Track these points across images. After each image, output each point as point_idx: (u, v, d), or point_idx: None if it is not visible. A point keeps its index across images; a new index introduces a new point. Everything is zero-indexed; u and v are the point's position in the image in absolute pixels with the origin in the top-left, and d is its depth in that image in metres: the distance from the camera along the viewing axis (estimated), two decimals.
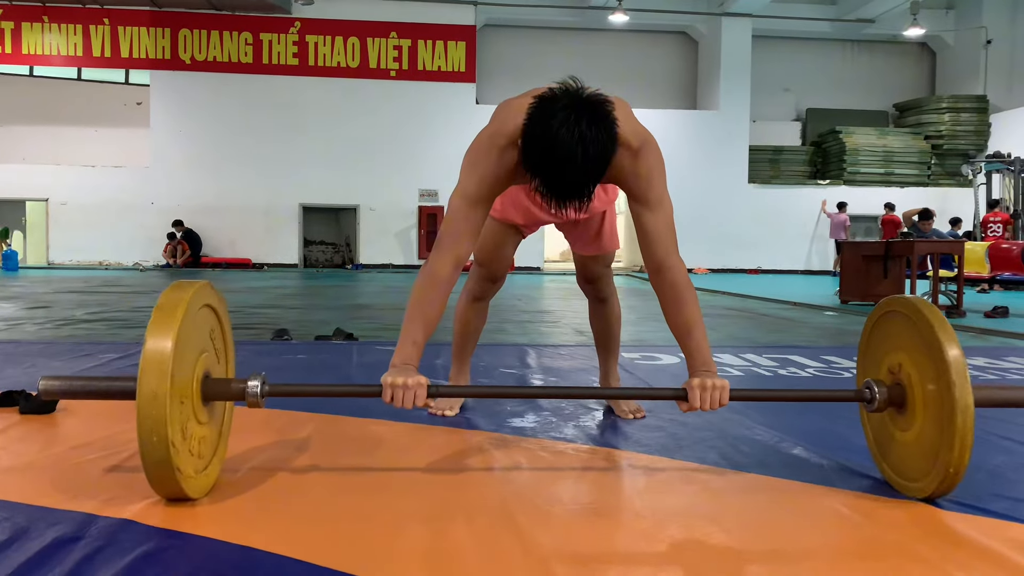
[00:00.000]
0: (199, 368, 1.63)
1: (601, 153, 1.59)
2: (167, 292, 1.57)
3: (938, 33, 20.04)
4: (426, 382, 1.68)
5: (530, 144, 1.63)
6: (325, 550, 1.39)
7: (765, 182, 19.62)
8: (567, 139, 1.55)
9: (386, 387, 1.67)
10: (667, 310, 1.86)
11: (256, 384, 1.66)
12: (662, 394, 1.95)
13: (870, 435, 1.94)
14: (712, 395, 1.69)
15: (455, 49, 18.80)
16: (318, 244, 19.80)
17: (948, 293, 8.00)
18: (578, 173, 1.59)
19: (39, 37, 18.14)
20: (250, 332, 5.23)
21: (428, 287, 1.81)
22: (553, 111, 1.59)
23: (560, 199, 1.65)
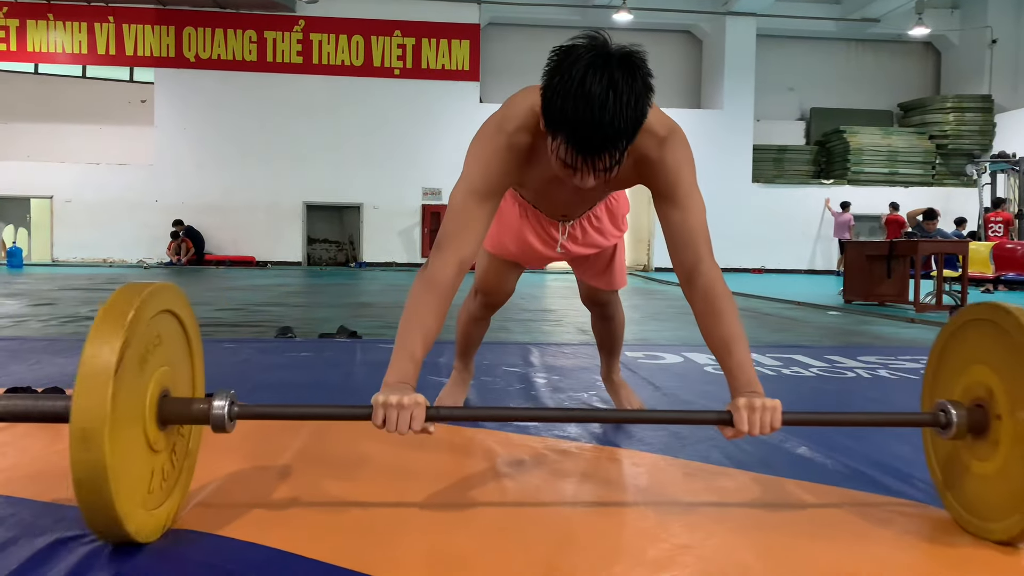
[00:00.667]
0: (155, 386, 1.37)
1: (635, 101, 1.38)
2: (116, 294, 1.31)
3: (943, 32, 20.00)
4: (424, 402, 1.45)
5: (552, 93, 1.41)
6: (330, 548, 1.39)
7: (769, 181, 19.60)
8: (595, 83, 1.35)
9: (377, 407, 1.43)
10: (702, 323, 1.63)
11: (222, 404, 1.43)
12: (703, 418, 1.62)
13: (934, 461, 1.65)
14: (762, 417, 1.45)
15: (459, 48, 18.80)
16: (322, 242, 19.82)
17: (952, 293, 7.99)
18: (610, 118, 1.36)
19: (44, 35, 18.18)
20: (254, 330, 5.23)
21: (426, 294, 1.59)
22: (576, 57, 1.39)
23: (588, 153, 1.41)
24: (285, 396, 2.75)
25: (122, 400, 1.24)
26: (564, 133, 1.41)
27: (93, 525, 1.25)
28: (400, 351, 1.54)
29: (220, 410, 1.42)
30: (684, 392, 2.97)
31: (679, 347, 4.33)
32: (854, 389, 3.16)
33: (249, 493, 1.69)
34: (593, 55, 1.38)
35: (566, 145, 1.43)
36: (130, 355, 1.27)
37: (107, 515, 1.22)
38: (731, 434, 1.48)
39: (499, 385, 3.03)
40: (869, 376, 3.46)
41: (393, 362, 1.53)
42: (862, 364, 3.80)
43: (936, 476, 1.64)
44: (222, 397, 1.43)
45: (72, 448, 1.18)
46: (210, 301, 7.75)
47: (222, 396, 1.43)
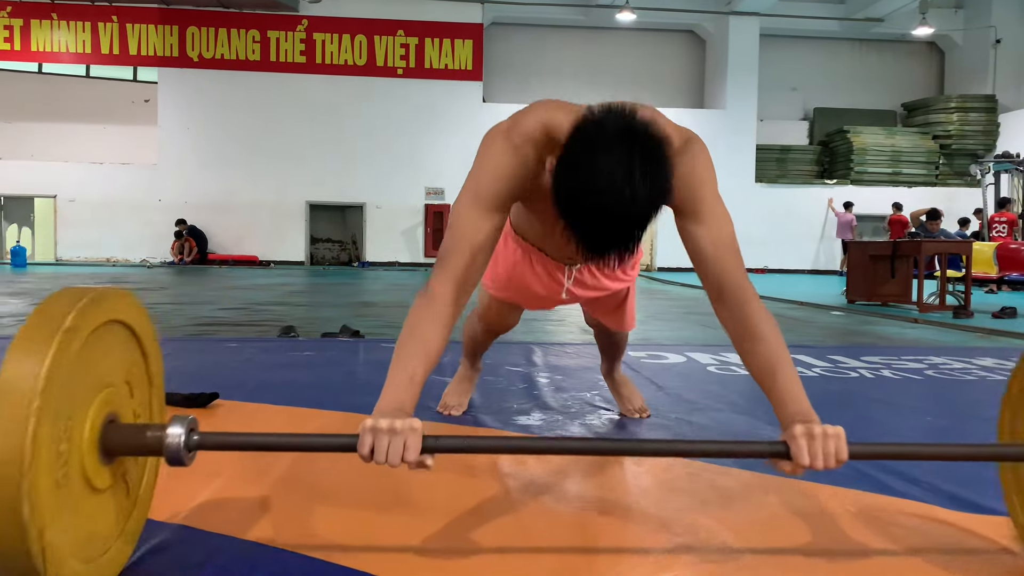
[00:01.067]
0: (97, 411, 1.14)
1: (656, 195, 1.25)
2: (50, 298, 1.11)
3: (947, 32, 19.96)
4: (420, 428, 1.23)
5: (566, 177, 1.26)
6: (334, 548, 1.39)
7: (772, 181, 19.58)
8: (617, 184, 1.21)
9: (364, 433, 1.21)
10: (739, 347, 1.46)
11: (178, 433, 1.20)
12: (752, 450, 1.36)
13: (1015, 500, 1.46)
14: (825, 446, 1.24)
15: (462, 47, 18.80)
16: (325, 242, 19.84)
17: (956, 293, 7.97)
18: (625, 219, 1.24)
19: (48, 34, 18.22)
20: (257, 329, 5.24)
21: (427, 313, 1.41)
22: (599, 140, 1.25)
23: (597, 251, 1.29)
24: (287, 396, 2.75)
25: (48, 431, 1.00)
26: (572, 226, 1.28)
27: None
28: (397, 373, 1.34)
29: (175, 439, 1.19)
30: (687, 392, 2.97)
31: (682, 347, 4.33)
32: (857, 389, 3.16)
33: (250, 492, 1.68)
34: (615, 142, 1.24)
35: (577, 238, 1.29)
36: (61, 375, 1.02)
37: (27, 568, 0.98)
38: (789, 469, 1.26)
39: (502, 384, 3.03)
40: (872, 376, 3.46)
41: (388, 385, 1.32)
42: (865, 364, 3.80)
43: (1020, 517, 1.44)
44: (179, 424, 1.21)
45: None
46: (213, 300, 7.76)
47: (179, 423, 1.21)
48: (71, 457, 1.08)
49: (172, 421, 1.21)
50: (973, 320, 6.76)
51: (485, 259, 1.51)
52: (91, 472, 1.13)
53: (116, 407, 1.21)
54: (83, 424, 1.11)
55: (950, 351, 4.49)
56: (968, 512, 1.64)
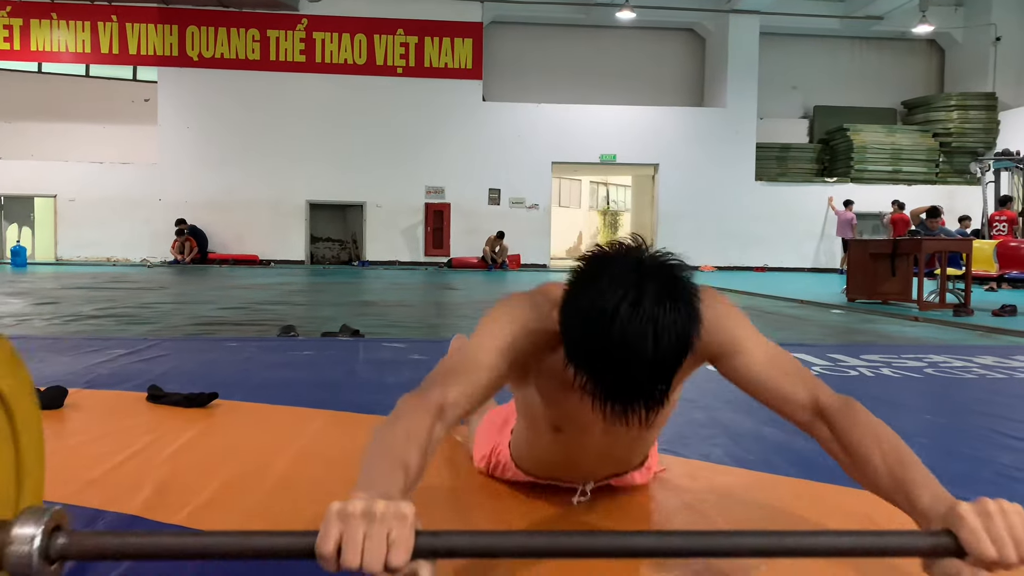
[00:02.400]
0: None
1: (680, 338, 1.06)
2: None
3: (947, 30, 19.95)
4: (412, 516, 0.87)
5: (575, 323, 1.10)
6: None
7: (772, 179, 19.57)
8: (630, 321, 1.04)
9: (330, 521, 0.86)
10: (855, 459, 1.17)
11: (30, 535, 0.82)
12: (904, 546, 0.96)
13: None
14: (1010, 524, 0.90)
15: (462, 46, 18.79)
16: (325, 241, 19.84)
17: (956, 291, 7.97)
18: (647, 369, 1.05)
19: (47, 34, 18.22)
20: (257, 328, 5.24)
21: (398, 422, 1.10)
22: (609, 278, 1.07)
23: (618, 405, 1.10)
24: (287, 395, 2.75)
25: None
26: (590, 378, 1.10)
27: None
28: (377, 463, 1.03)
29: (25, 545, 0.81)
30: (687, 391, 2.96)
31: None
32: (857, 388, 3.16)
33: (251, 493, 1.68)
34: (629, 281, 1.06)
35: (594, 390, 1.11)
36: None
37: None
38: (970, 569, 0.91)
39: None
40: (872, 375, 3.46)
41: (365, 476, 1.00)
42: (865, 363, 3.80)
43: None
44: (32, 521, 0.82)
45: None
46: (213, 299, 7.77)
47: (32, 518, 0.82)
48: None
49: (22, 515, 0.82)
50: (973, 318, 6.75)
51: (475, 397, 1.23)
52: None
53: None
54: None
55: (950, 349, 4.49)
56: None
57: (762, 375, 1.28)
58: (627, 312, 1.04)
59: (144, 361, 3.46)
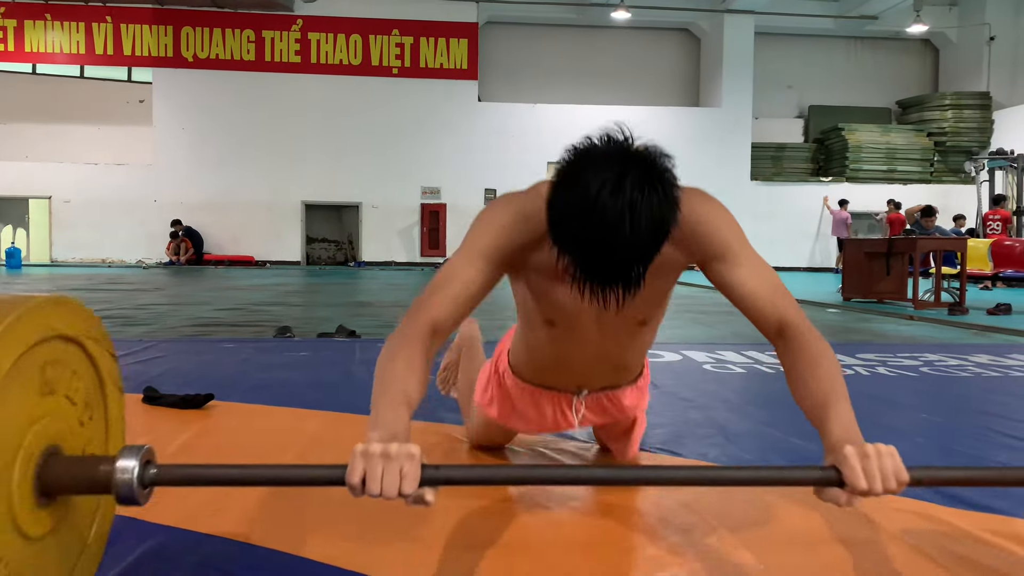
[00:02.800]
0: (32, 442, 0.97)
1: (657, 222, 1.14)
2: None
3: (941, 30, 20.00)
4: (419, 455, 1.06)
5: (559, 207, 1.17)
6: (329, 550, 1.39)
7: (768, 179, 19.61)
8: (610, 202, 1.11)
9: (355, 459, 1.04)
10: (798, 381, 1.30)
11: (130, 466, 1.01)
12: (797, 477, 1.17)
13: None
14: (882, 464, 1.08)
15: (457, 46, 18.79)
16: (320, 241, 19.82)
17: (951, 290, 8.00)
18: (625, 248, 1.13)
19: (42, 35, 18.17)
20: (253, 330, 5.24)
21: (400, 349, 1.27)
22: (591, 164, 1.15)
23: (598, 283, 1.18)
24: (284, 396, 2.75)
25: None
26: (572, 257, 1.18)
27: None
28: (384, 402, 1.18)
29: (127, 474, 1.01)
30: (683, 390, 2.98)
31: (678, 345, 4.33)
32: (853, 387, 3.16)
33: (249, 494, 1.68)
34: (609, 166, 1.14)
35: (575, 268, 1.19)
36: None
37: None
38: (844, 500, 1.10)
39: None
40: (868, 374, 3.47)
41: (375, 416, 1.15)
42: (861, 362, 3.81)
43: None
44: (131, 455, 1.02)
45: None
46: (209, 301, 7.75)
47: (131, 454, 1.02)
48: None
49: (123, 452, 1.02)
50: (968, 317, 6.77)
51: (464, 307, 1.35)
52: (23, 518, 0.94)
53: (58, 437, 1.03)
54: (11, 465, 0.93)
55: (945, 348, 4.51)
56: (956, 507, 1.65)
57: (744, 287, 1.38)
58: (607, 194, 1.11)
59: (140, 363, 3.45)
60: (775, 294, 1.38)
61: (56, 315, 1.03)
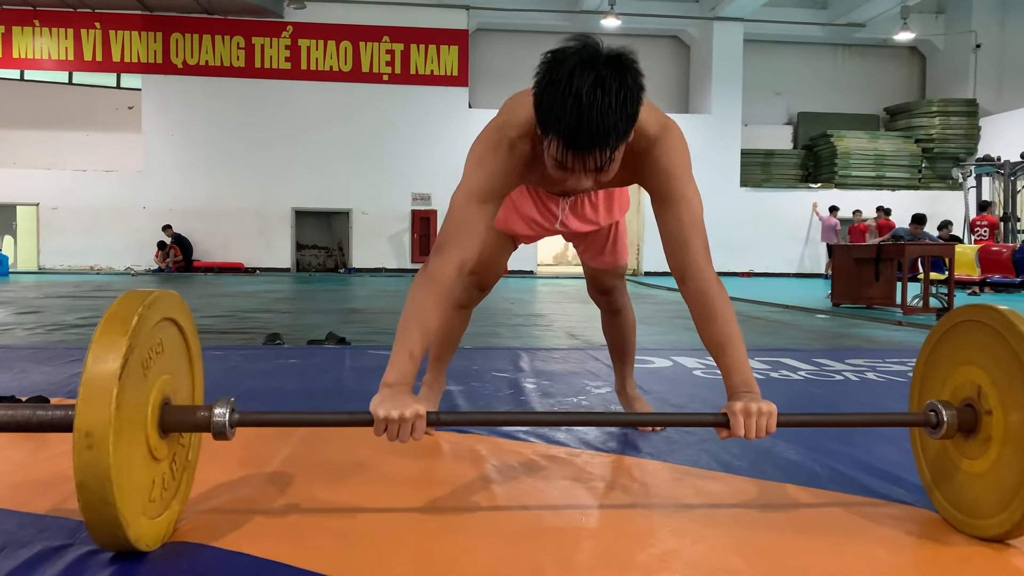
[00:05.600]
0: (156, 394, 1.38)
1: (625, 98, 1.40)
2: (120, 301, 1.32)
3: (928, 37, 20.17)
4: (424, 414, 1.47)
5: (542, 93, 1.43)
6: (320, 557, 1.38)
7: (757, 185, 19.69)
8: (583, 82, 1.37)
9: (379, 421, 1.45)
10: (698, 324, 1.65)
11: (223, 412, 1.43)
12: (698, 420, 1.79)
13: (923, 461, 1.69)
14: (758, 421, 1.47)
15: (448, 53, 18.82)
16: (311, 248, 19.77)
17: (939, 296, 8.04)
18: (599, 114, 1.37)
19: (30, 41, 18.09)
20: (242, 336, 5.21)
21: (426, 292, 1.59)
22: (565, 58, 1.41)
23: (578, 150, 1.42)
24: (274, 403, 2.74)
25: (125, 407, 1.24)
26: (555, 131, 1.42)
27: (95, 530, 1.24)
28: (400, 349, 1.55)
29: (221, 417, 1.42)
30: (673, 396, 2.98)
31: (668, 351, 4.34)
32: (842, 392, 3.18)
33: (241, 502, 1.68)
34: (581, 56, 1.39)
35: (558, 143, 1.43)
36: (133, 362, 1.26)
37: (110, 520, 1.22)
38: (725, 435, 1.50)
39: (488, 390, 3.03)
40: (857, 379, 3.48)
41: (392, 360, 1.53)
42: (850, 367, 3.82)
43: (925, 476, 1.67)
44: (223, 404, 1.44)
45: (76, 452, 1.18)
46: (198, 308, 7.72)
47: (223, 404, 1.44)
48: (139, 431, 1.32)
49: (217, 403, 1.44)
50: None
51: (480, 243, 1.65)
52: (153, 445, 1.36)
53: (169, 391, 1.43)
54: (146, 405, 1.34)
55: None
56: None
57: (671, 234, 1.66)
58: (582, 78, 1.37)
59: None
60: (695, 241, 1.63)
61: (166, 304, 1.41)
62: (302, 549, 1.41)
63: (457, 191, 1.65)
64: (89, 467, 1.18)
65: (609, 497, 1.82)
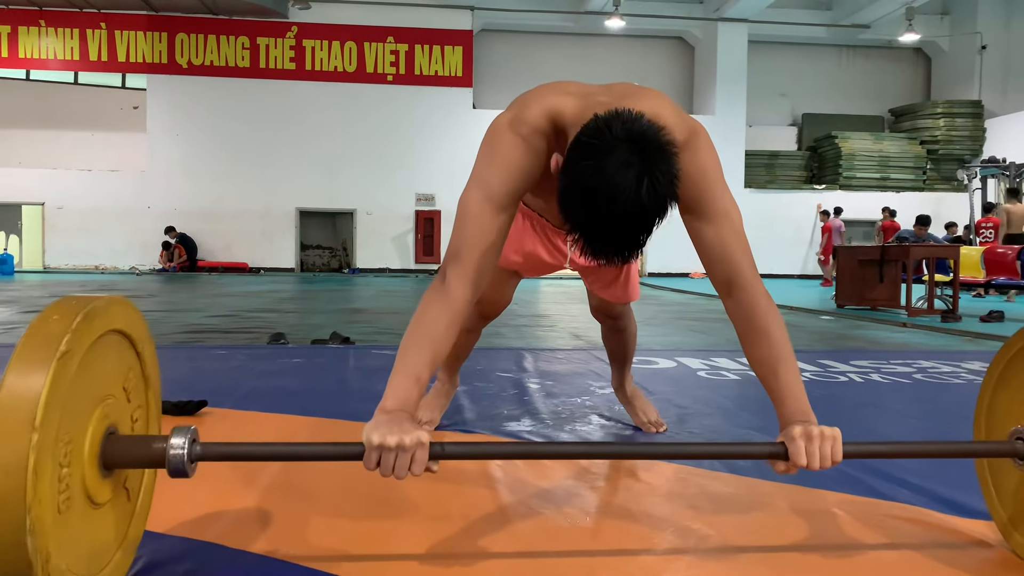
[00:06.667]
0: (97, 423, 1.11)
1: (661, 200, 1.22)
2: (52, 308, 1.07)
3: (933, 38, 20.13)
4: (427, 442, 1.20)
5: (573, 185, 1.23)
6: (324, 554, 1.39)
7: (761, 187, 19.67)
8: (623, 184, 1.18)
9: (370, 449, 1.19)
10: (745, 342, 1.44)
11: (181, 443, 1.18)
12: (748, 452, 1.44)
13: (995, 496, 1.48)
14: (822, 448, 1.25)
15: (452, 54, 18.83)
16: (315, 248, 19.80)
17: (944, 297, 8.02)
18: (630, 226, 1.22)
19: (36, 41, 18.15)
20: (247, 336, 5.22)
21: (442, 309, 1.38)
22: (603, 146, 1.22)
23: (605, 255, 1.27)
24: (277, 403, 2.74)
25: (51, 444, 0.98)
26: (579, 233, 1.26)
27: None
28: (403, 369, 1.31)
29: (179, 449, 1.18)
30: (678, 397, 2.98)
31: (672, 352, 4.33)
32: (846, 393, 3.17)
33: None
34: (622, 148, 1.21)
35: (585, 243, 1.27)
36: (62, 383, 0.99)
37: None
38: (783, 468, 1.28)
39: (492, 391, 3.03)
40: (861, 380, 3.48)
41: (393, 382, 1.30)
42: (854, 368, 3.81)
43: (1000, 514, 1.46)
44: (181, 434, 1.19)
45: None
46: (202, 308, 7.73)
47: (181, 433, 1.19)
48: (72, 479, 1.05)
49: (174, 432, 1.19)
50: (961, 324, 6.79)
51: (496, 257, 1.47)
52: (92, 489, 1.11)
53: (115, 418, 1.18)
54: (83, 442, 1.08)
55: (938, 355, 4.52)
56: (955, 515, 1.65)
57: (711, 249, 1.47)
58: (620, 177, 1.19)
59: None
60: (731, 252, 1.46)
61: (109, 313, 1.16)
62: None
63: (469, 194, 1.46)
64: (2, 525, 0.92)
65: (614, 497, 1.82)
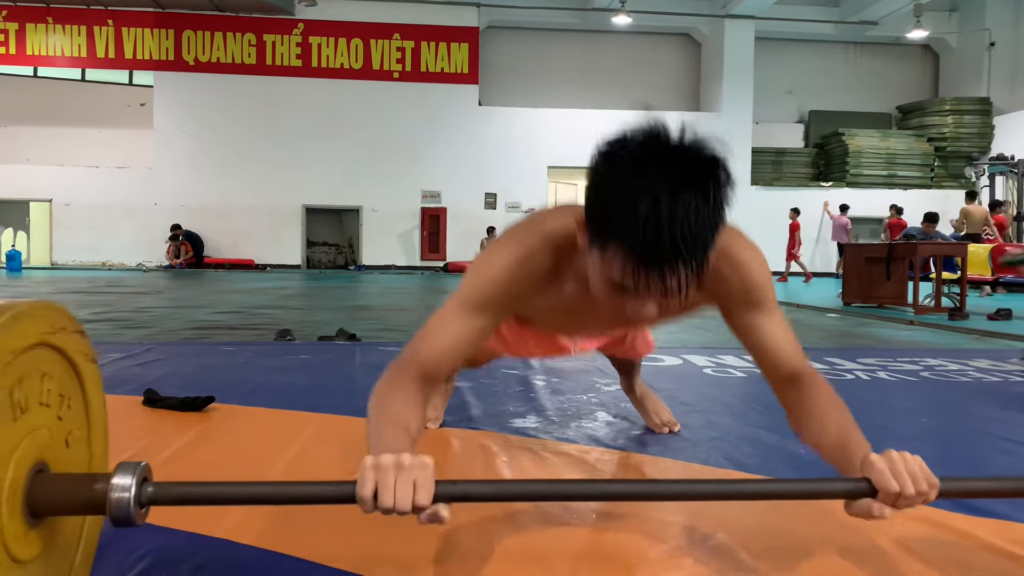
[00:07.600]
0: (20, 463, 0.90)
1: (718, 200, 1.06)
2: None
3: (941, 35, 20.03)
4: (432, 465, 1.01)
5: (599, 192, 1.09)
6: (330, 551, 1.39)
7: (768, 184, 19.61)
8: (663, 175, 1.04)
9: (365, 470, 0.98)
10: (807, 422, 1.31)
11: (127, 483, 0.94)
12: (824, 491, 1.14)
13: None
14: (910, 467, 1.07)
15: (458, 51, 18.82)
16: (321, 245, 19.83)
17: (951, 295, 7.99)
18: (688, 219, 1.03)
19: (43, 38, 18.21)
20: (253, 333, 5.23)
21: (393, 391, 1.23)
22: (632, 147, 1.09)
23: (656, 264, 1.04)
24: (283, 399, 2.75)
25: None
26: (622, 240, 1.04)
27: None
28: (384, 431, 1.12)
29: (124, 492, 0.93)
30: (683, 394, 2.97)
31: (678, 349, 4.33)
32: (853, 391, 3.16)
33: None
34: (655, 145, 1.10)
35: (623, 258, 1.05)
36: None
37: None
38: (876, 510, 1.07)
39: (498, 387, 3.03)
40: (868, 378, 3.47)
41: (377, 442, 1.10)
42: (861, 366, 3.80)
43: None
44: (127, 472, 0.94)
45: None
46: (209, 304, 7.75)
47: (127, 470, 0.94)
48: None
49: (119, 469, 0.95)
50: (968, 322, 6.77)
51: (453, 356, 1.30)
52: (13, 542, 0.88)
53: (45, 452, 0.96)
54: (1, 482, 0.87)
55: (946, 353, 4.50)
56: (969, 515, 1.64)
57: (767, 340, 1.37)
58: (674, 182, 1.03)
59: (140, 365, 3.45)
60: (791, 344, 1.39)
61: (39, 321, 0.95)
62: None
63: (453, 296, 1.33)
64: None
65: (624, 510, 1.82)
